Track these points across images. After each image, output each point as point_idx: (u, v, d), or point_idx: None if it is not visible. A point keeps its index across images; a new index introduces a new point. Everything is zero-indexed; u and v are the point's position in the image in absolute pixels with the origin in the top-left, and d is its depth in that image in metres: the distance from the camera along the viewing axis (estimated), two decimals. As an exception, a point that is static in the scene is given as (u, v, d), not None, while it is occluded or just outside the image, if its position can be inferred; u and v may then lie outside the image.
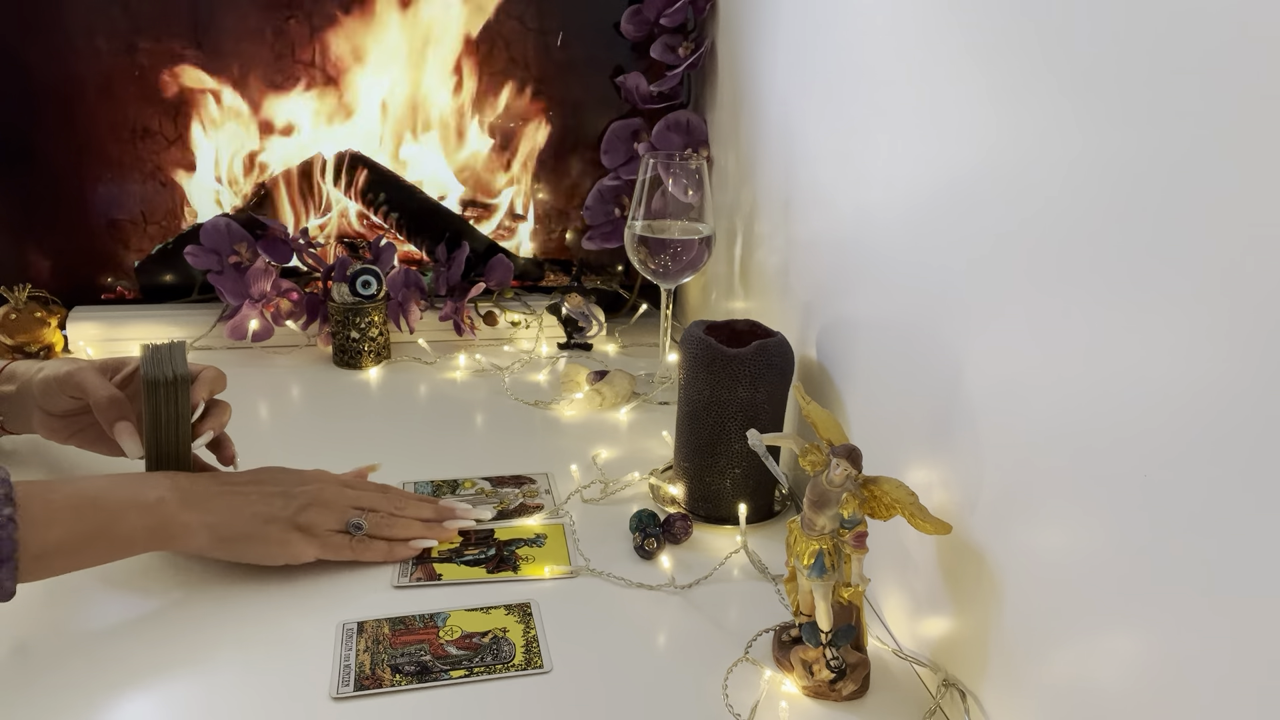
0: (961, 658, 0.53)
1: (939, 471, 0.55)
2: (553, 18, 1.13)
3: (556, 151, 1.20)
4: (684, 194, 0.89)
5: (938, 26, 0.54)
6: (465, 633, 0.59)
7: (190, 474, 0.65)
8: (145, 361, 0.65)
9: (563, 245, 1.25)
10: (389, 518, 0.67)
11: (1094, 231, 0.41)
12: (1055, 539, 0.44)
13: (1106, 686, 0.41)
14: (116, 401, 0.67)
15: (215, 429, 0.70)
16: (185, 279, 1.13)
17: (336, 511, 0.65)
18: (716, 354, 0.69)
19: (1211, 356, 0.35)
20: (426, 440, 0.87)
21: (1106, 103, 0.40)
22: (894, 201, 0.61)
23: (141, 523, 0.58)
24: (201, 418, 0.69)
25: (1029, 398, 0.46)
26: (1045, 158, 0.44)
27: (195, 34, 1.06)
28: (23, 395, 0.72)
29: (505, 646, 0.58)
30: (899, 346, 0.60)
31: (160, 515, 0.58)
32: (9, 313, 0.98)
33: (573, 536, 0.71)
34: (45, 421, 0.72)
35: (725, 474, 0.72)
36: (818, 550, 0.53)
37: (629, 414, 0.94)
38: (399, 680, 0.54)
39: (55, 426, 0.72)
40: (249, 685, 0.54)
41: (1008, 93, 0.47)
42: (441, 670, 0.55)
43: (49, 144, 1.07)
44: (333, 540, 0.64)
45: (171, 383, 0.64)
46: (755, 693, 0.54)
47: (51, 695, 0.52)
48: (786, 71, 0.82)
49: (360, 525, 0.65)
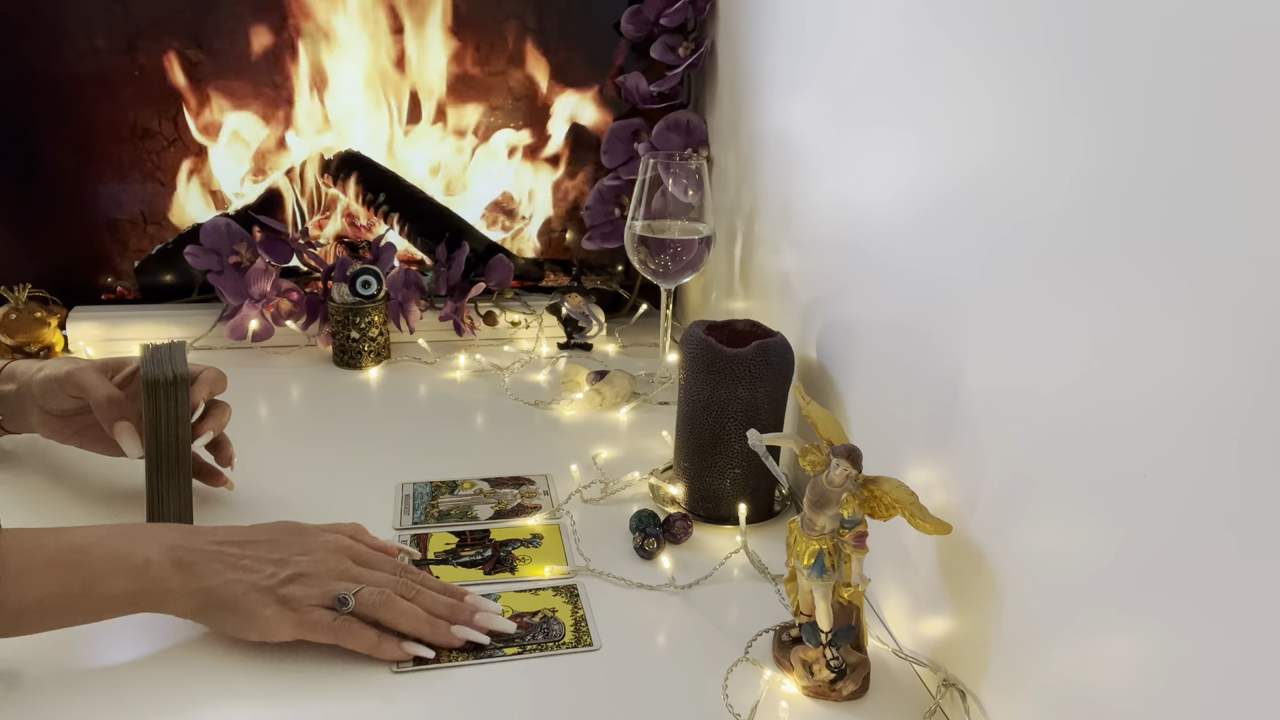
0: (961, 658, 0.53)
1: (939, 471, 0.55)
2: (553, 18, 1.13)
3: (556, 152, 1.20)
4: (684, 194, 0.89)
5: (937, 27, 0.54)
6: (516, 612, 0.61)
7: (186, 529, 0.59)
8: (145, 361, 0.65)
9: (563, 245, 1.25)
10: (389, 600, 0.56)
11: (1094, 232, 0.41)
12: (1055, 539, 0.44)
13: (1106, 686, 0.41)
14: (116, 401, 0.67)
15: (215, 429, 0.69)
16: (185, 279, 1.13)
17: (328, 583, 0.57)
18: (716, 354, 0.69)
19: (1211, 357, 0.35)
20: (426, 440, 0.87)
21: (1108, 105, 0.40)
22: (894, 201, 0.61)
23: (125, 587, 0.53)
24: (201, 418, 0.69)
25: (1029, 398, 0.46)
26: (1046, 158, 0.44)
27: (196, 34, 1.06)
28: (22, 395, 0.71)
29: (555, 626, 0.60)
30: (899, 346, 0.60)
31: (145, 580, 0.54)
32: (9, 312, 0.98)
33: (572, 537, 0.70)
34: (45, 421, 0.72)
35: (725, 474, 0.72)
36: (818, 550, 0.53)
37: (629, 414, 0.94)
38: (455, 656, 0.57)
39: (55, 426, 0.72)
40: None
41: (1009, 94, 0.47)
42: (495, 647, 0.58)
43: (49, 144, 1.07)
44: (311, 616, 0.55)
45: (171, 383, 0.64)
46: (755, 693, 0.54)
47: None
48: (786, 71, 0.82)
49: (346, 601, 0.55)
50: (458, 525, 0.72)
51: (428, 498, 0.76)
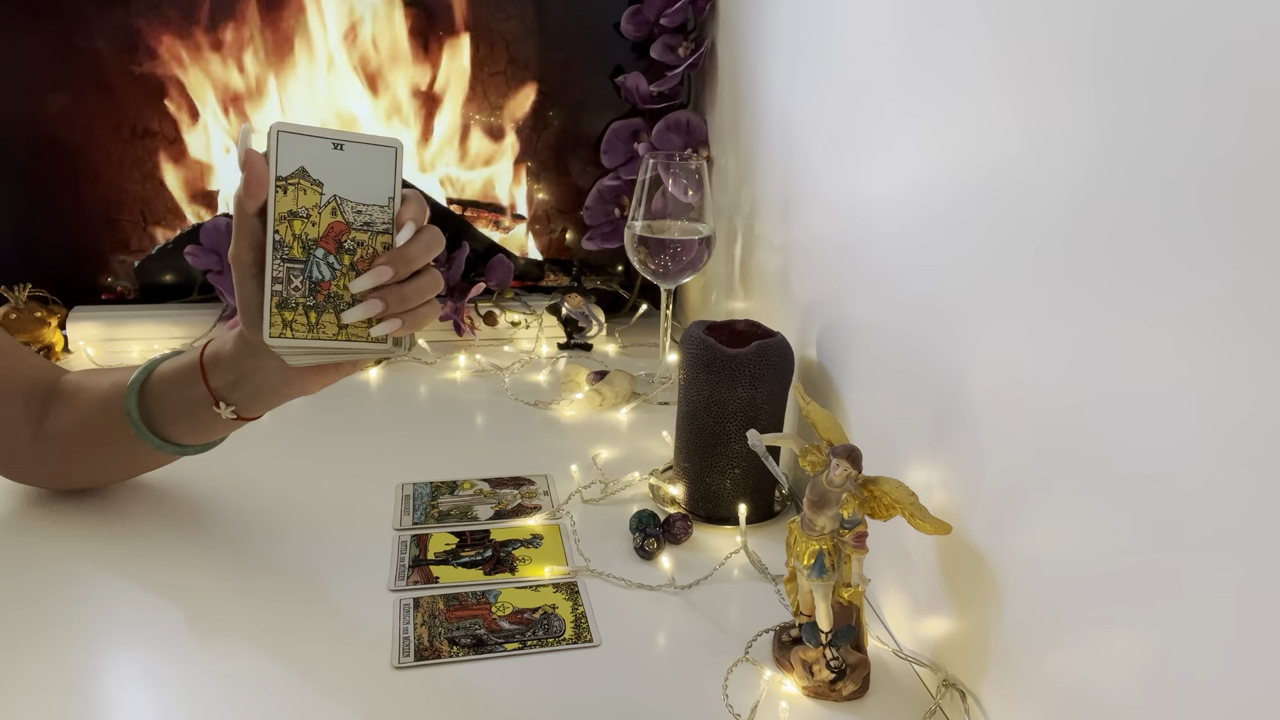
0: (961, 658, 0.53)
1: (939, 472, 0.55)
2: (553, 18, 1.13)
3: (557, 151, 1.20)
4: (684, 194, 0.89)
5: (938, 28, 0.54)
6: (517, 609, 0.61)
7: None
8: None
9: (563, 245, 1.25)
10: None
11: (1095, 232, 0.41)
12: (1055, 539, 0.44)
13: (1107, 686, 0.41)
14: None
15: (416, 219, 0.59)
16: (185, 279, 1.13)
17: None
18: (716, 354, 0.69)
19: (1212, 358, 0.35)
20: (426, 441, 0.87)
21: (1109, 106, 0.40)
22: (895, 201, 0.61)
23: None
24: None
25: (1029, 398, 0.46)
26: (1048, 159, 0.44)
27: (196, 33, 1.06)
28: (246, 366, 0.62)
29: (555, 622, 0.60)
30: (899, 347, 0.60)
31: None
32: (9, 312, 0.98)
33: (572, 537, 0.70)
34: (288, 374, 0.61)
35: (725, 474, 0.72)
36: (818, 550, 0.53)
37: (629, 414, 0.94)
38: (456, 652, 0.57)
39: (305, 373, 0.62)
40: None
41: (1010, 94, 0.47)
42: (496, 643, 0.58)
43: (49, 144, 1.07)
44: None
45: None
46: (755, 693, 0.54)
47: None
48: (786, 71, 0.82)
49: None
50: (458, 525, 0.72)
51: (428, 498, 0.76)
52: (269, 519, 0.71)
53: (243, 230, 0.55)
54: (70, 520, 0.69)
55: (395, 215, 0.57)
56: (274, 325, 0.55)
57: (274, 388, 0.63)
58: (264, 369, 0.61)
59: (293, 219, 0.55)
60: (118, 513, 0.71)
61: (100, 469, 0.71)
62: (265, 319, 0.55)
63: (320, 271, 0.56)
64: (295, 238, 0.55)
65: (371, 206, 0.56)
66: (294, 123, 0.54)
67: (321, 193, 0.55)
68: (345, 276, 0.56)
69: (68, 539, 0.67)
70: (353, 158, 0.55)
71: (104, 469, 0.71)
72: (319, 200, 0.55)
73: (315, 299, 0.56)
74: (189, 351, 0.66)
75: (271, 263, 0.55)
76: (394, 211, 0.57)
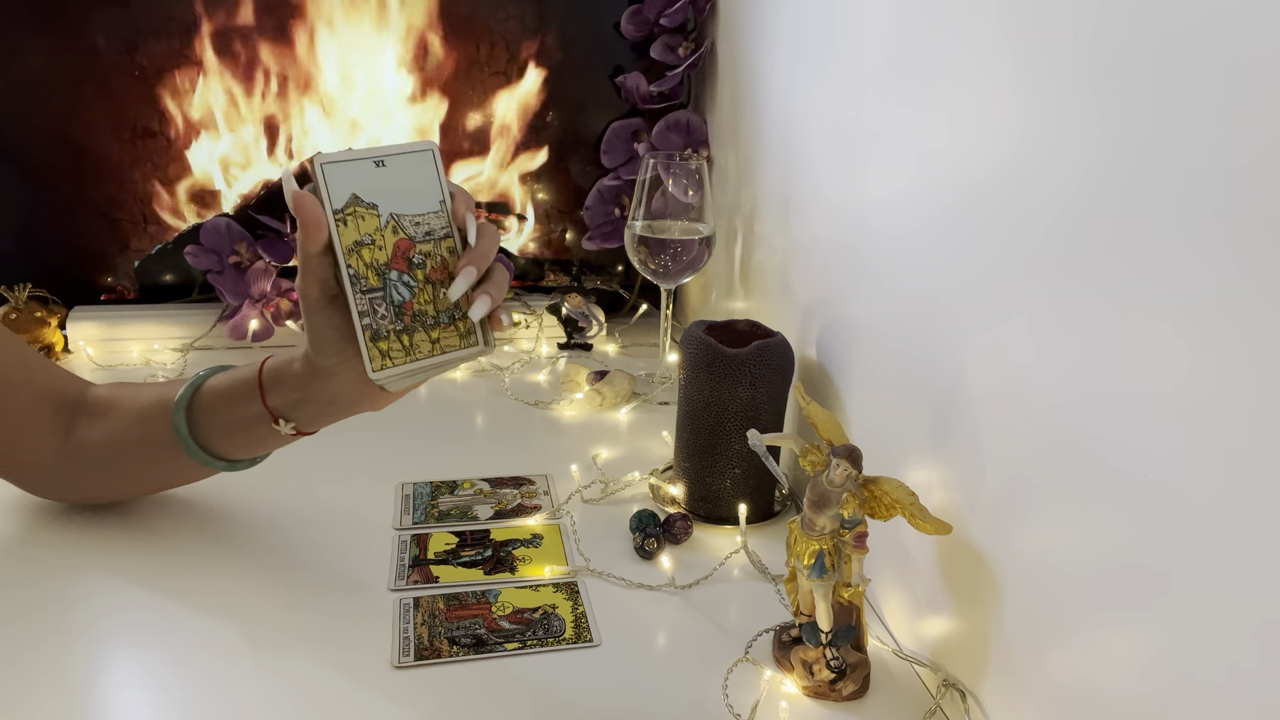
0: (961, 658, 0.53)
1: (939, 471, 0.55)
2: (553, 18, 1.13)
3: (556, 151, 1.20)
4: (684, 194, 0.89)
5: (938, 28, 0.54)
6: (517, 608, 0.61)
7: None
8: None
9: (563, 245, 1.25)
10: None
11: (1095, 232, 0.41)
12: (1055, 539, 0.44)
13: (1107, 686, 0.41)
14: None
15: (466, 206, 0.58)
16: (185, 279, 1.13)
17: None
18: (717, 354, 0.69)
19: (1212, 358, 0.35)
20: (426, 440, 0.87)
21: (1109, 106, 0.40)
22: (895, 201, 0.61)
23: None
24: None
25: (1029, 398, 0.46)
26: (1048, 159, 0.44)
27: (196, 33, 1.06)
28: (312, 386, 0.59)
29: (555, 622, 0.60)
30: (899, 347, 0.60)
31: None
32: (9, 312, 0.98)
33: (572, 537, 0.70)
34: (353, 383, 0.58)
35: (725, 474, 0.72)
36: (818, 550, 0.53)
37: (629, 414, 0.94)
38: (456, 651, 0.57)
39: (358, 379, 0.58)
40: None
41: (1010, 94, 0.47)
42: (496, 643, 0.58)
43: (49, 144, 1.07)
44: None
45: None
46: (755, 693, 0.54)
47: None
48: (786, 71, 0.82)
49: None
50: (458, 525, 0.72)
51: (428, 498, 0.76)
52: (269, 518, 0.71)
53: (308, 269, 0.54)
54: (70, 521, 0.69)
55: (450, 215, 0.56)
56: (374, 360, 0.54)
57: (344, 407, 0.61)
58: (333, 390, 0.59)
59: (360, 249, 0.54)
60: (118, 515, 0.71)
61: (129, 483, 0.70)
62: (365, 356, 0.54)
63: (399, 293, 0.55)
64: (367, 266, 0.54)
65: (427, 215, 0.56)
66: (331, 152, 0.53)
67: (379, 215, 0.54)
68: (423, 291, 0.56)
69: (68, 540, 0.67)
70: (396, 171, 0.54)
71: (133, 483, 0.70)
72: (378, 223, 0.54)
73: (402, 321, 0.55)
74: (241, 368, 0.64)
75: (354, 298, 0.53)
76: (448, 213, 0.56)
